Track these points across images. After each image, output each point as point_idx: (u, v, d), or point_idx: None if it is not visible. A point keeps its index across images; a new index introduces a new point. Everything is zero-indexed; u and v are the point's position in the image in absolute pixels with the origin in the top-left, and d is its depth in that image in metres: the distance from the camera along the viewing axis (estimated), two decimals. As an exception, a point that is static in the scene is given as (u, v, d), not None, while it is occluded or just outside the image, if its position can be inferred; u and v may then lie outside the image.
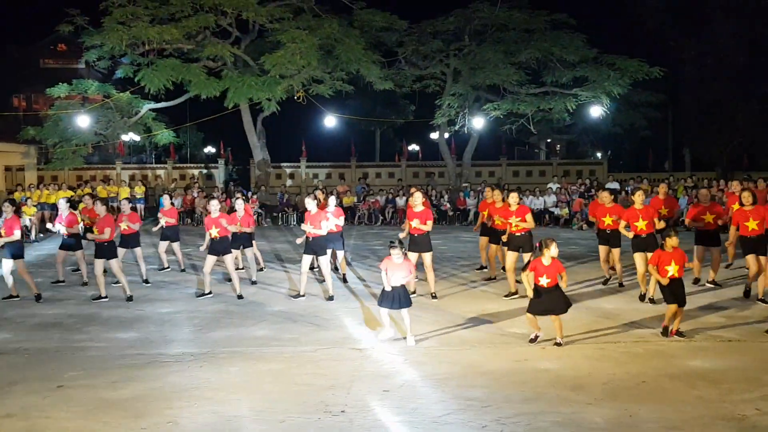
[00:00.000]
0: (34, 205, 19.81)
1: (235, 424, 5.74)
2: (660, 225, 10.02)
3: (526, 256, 10.18)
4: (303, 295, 10.54)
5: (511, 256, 10.49)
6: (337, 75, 23.52)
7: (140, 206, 24.31)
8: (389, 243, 8.12)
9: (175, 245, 13.26)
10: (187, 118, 30.05)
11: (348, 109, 31.74)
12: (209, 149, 44.71)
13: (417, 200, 10.45)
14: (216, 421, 5.79)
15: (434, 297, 10.38)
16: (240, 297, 10.61)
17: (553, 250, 7.71)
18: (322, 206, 11.40)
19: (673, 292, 8.09)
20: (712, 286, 10.95)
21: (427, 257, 10.38)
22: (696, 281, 11.19)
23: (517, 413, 5.89)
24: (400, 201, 24.67)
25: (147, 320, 9.45)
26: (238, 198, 12.67)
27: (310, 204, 10.63)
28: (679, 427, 5.57)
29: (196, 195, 24.43)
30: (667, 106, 32.43)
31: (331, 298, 10.41)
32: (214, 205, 10.99)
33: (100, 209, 10.88)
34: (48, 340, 8.43)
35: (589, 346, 7.87)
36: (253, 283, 11.92)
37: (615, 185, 23.40)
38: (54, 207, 21.16)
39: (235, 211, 11.85)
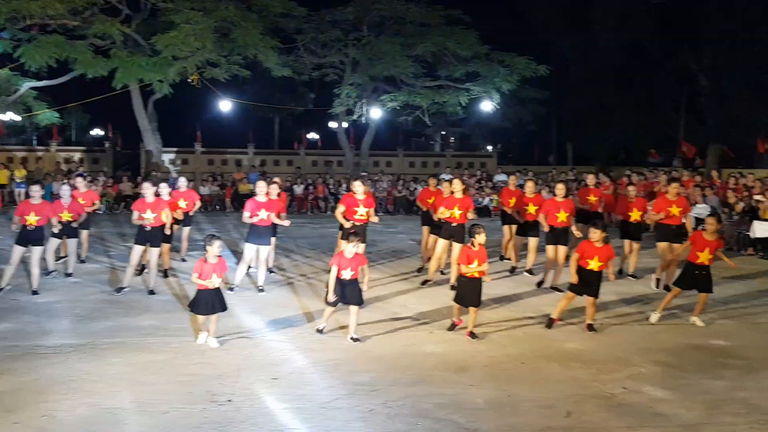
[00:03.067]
0: None
1: (115, 416, 5.58)
2: (471, 216, 10.37)
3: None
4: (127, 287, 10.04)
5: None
6: (234, 59, 23.01)
7: (20, 191, 22.90)
8: (206, 239, 7.55)
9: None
10: (72, 98, 28.54)
11: (245, 95, 31.12)
12: (96, 132, 42.63)
13: (261, 189, 10.04)
14: (95, 414, 5.61)
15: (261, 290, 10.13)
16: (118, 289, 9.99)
17: (351, 247, 7.58)
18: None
19: (464, 291, 7.94)
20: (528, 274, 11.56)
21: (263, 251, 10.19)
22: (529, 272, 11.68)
23: (403, 396, 6.06)
24: (298, 189, 24.61)
25: (23, 310, 8.95)
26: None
27: (148, 190, 10.01)
28: (553, 406, 5.92)
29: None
30: (553, 102, 33.97)
31: (151, 292, 9.87)
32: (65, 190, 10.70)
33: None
34: None
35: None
36: (68, 275, 11.18)
37: (503, 177, 24.28)
38: None
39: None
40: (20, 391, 6.03)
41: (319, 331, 7.86)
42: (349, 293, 7.62)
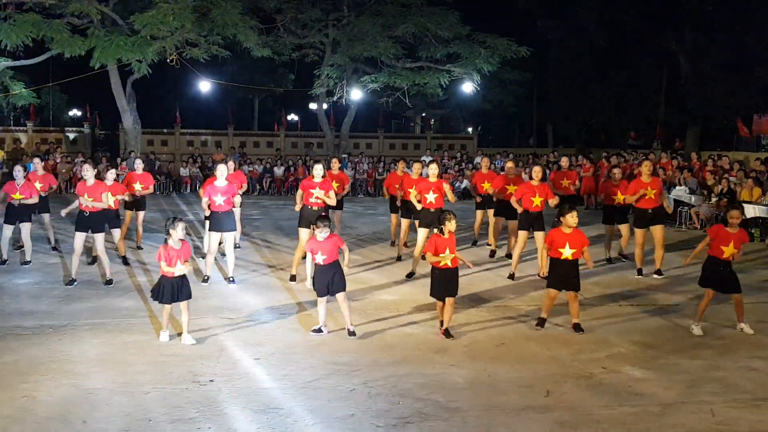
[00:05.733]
0: None
1: (95, 397, 5.56)
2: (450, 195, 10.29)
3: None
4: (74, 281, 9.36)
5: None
6: (213, 39, 22.69)
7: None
8: (168, 222, 7.02)
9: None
10: (49, 77, 28.05)
11: (225, 76, 30.82)
12: (74, 112, 42.01)
13: (221, 172, 9.61)
14: (75, 394, 5.59)
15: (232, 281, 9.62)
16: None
17: (320, 233, 7.07)
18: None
19: (439, 284, 7.35)
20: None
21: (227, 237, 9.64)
22: (508, 256, 11.52)
23: (384, 376, 6.10)
24: (278, 171, 24.51)
25: (1, 291, 8.88)
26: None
27: (88, 172, 9.43)
28: (533, 385, 5.98)
29: (59, 160, 23.29)
30: (533, 84, 33.98)
31: (109, 282, 9.40)
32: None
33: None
34: None
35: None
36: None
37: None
38: None
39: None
40: (0, 373, 5.98)
41: (318, 331, 7.25)
42: (330, 280, 7.14)
